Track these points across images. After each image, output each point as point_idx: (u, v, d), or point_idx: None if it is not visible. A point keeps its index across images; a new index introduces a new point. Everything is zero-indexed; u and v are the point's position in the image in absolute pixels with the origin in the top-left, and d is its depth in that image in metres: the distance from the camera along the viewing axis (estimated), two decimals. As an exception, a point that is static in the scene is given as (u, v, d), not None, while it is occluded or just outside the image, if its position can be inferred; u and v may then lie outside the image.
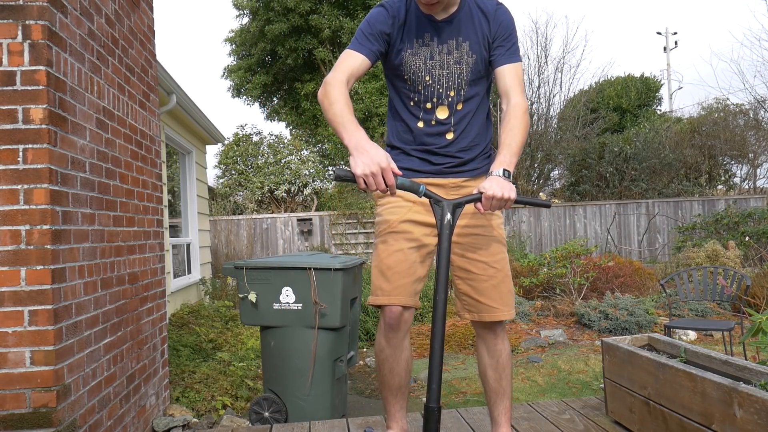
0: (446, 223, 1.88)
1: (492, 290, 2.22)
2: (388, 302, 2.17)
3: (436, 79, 2.18)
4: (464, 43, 2.16)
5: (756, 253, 9.98)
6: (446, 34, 2.16)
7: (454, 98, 2.20)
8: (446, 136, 2.23)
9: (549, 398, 4.29)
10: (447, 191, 2.24)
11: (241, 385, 4.38)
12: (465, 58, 2.16)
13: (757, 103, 14.97)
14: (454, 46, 2.16)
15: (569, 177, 15.25)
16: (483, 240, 2.23)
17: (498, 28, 2.16)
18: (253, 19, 14.98)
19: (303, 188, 14.99)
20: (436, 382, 1.79)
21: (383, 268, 2.20)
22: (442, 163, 2.24)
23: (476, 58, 2.17)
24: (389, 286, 2.17)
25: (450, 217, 1.89)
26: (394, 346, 2.23)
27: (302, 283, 3.51)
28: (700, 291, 4.92)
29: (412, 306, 2.20)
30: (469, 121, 2.23)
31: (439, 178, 2.25)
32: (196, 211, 8.51)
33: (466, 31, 2.16)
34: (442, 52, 2.17)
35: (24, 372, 2.19)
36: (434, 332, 1.82)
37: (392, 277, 2.17)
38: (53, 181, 2.24)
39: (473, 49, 2.16)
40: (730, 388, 2.03)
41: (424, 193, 1.89)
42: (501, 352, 2.29)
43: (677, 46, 30.87)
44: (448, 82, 2.18)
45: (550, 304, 7.62)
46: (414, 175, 2.25)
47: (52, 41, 2.26)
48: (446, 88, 2.19)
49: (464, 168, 2.26)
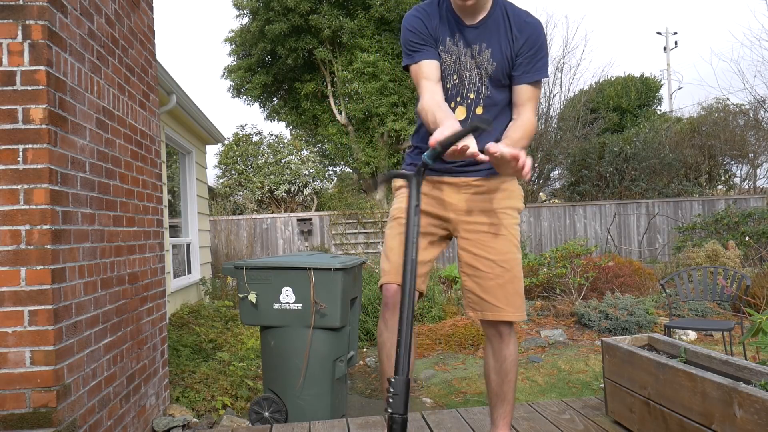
0: (414, 183, 1.77)
1: (498, 289, 2.22)
2: (386, 280, 2.22)
3: (462, 79, 2.20)
4: (487, 49, 2.17)
5: (756, 253, 9.98)
6: (472, 38, 2.17)
7: (473, 101, 2.21)
8: None
9: (549, 398, 4.29)
10: (459, 189, 2.27)
11: (241, 385, 4.38)
12: (485, 65, 2.17)
13: (757, 103, 14.97)
14: (477, 51, 2.18)
15: (569, 177, 15.25)
16: (492, 238, 2.24)
17: (524, 43, 2.15)
18: (253, 19, 14.96)
19: (303, 188, 14.99)
20: (404, 355, 1.63)
21: (386, 250, 2.27)
22: (454, 162, 2.22)
23: (497, 66, 2.17)
24: (389, 266, 2.23)
25: (418, 179, 1.77)
26: (391, 329, 2.22)
27: (302, 283, 3.51)
28: (700, 291, 4.92)
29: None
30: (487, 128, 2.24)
31: (452, 177, 2.28)
32: (196, 211, 8.51)
33: (490, 38, 2.17)
34: (467, 55, 2.18)
35: (24, 372, 2.19)
36: (402, 302, 1.66)
37: (392, 257, 2.23)
38: (53, 181, 2.24)
39: (495, 56, 2.17)
40: (730, 388, 2.03)
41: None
42: (506, 357, 2.27)
43: (677, 46, 30.87)
44: (469, 83, 2.20)
45: (550, 304, 7.63)
46: (428, 173, 2.24)
47: (52, 41, 2.26)
48: (467, 89, 2.21)
49: (476, 168, 2.25)
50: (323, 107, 15.54)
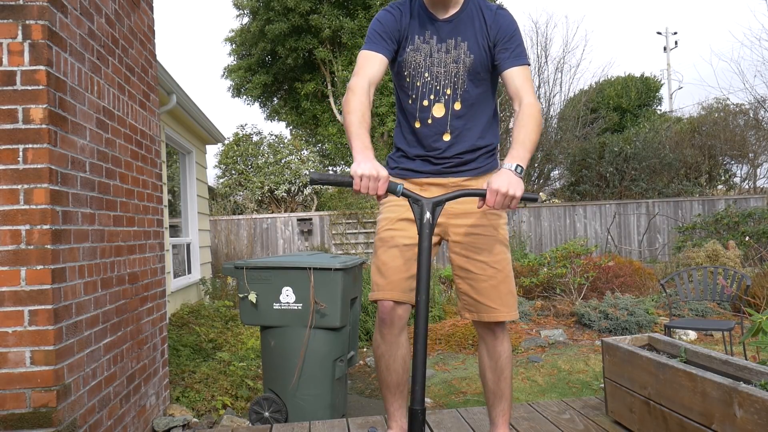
0: (425, 222, 1.84)
1: (491, 290, 2.22)
2: (381, 296, 2.20)
3: (434, 77, 2.19)
4: (463, 43, 2.17)
5: (756, 253, 9.98)
6: (445, 33, 2.18)
7: (450, 96, 2.20)
8: (443, 138, 2.22)
9: (549, 398, 4.29)
10: (447, 190, 2.23)
11: (241, 385, 4.38)
12: (462, 58, 2.17)
13: (757, 103, 14.98)
14: (452, 45, 2.17)
15: (569, 177, 15.25)
16: (484, 240, 2.23)
17: (498, 32, 2.16)
18: (253, 19, 14.97)
19: (303, 188, 14.98)
20: (419, 383, 1.77)
21: (379, 264, 2.24)
22: (442, 164, 2.25)
23: (474, 59, 2.17)
24: (384, 282, 2.21)
25: (429, 216, 1.85)
26: (389, 342, 2.24)
27: (302, 283, 3.51)
28: (700, 291, 4.92)
29: (407, 302, 2.21)
30: (467, 122, 2.23)
31: (439, 178, 2.26)
32: (196, 211, 8.51)
33: (465, 31, 2.17)
34: (441, 51, 2.18)
35: (24, 372, 2.19)
36: (417, 334, 1.80)
37: (387, 272, 2.20)
38: (53, 181, 2.24)
39: (471, 49, 2.17)
40: (730, 388, 2.03)
41: (402, 193, 1.86)
42: (500, 355, 2.28)
43: (677, 46, 30.85)
44: (445, 80, 2.19)
45: (550, 304, 7.63)
46: (415, 176, 2.27)
47: (52, 41, 2.26)
48: (443, 85, 2.20)
49: (465, 168, 2.26)
50: (323, 107, 15.55)
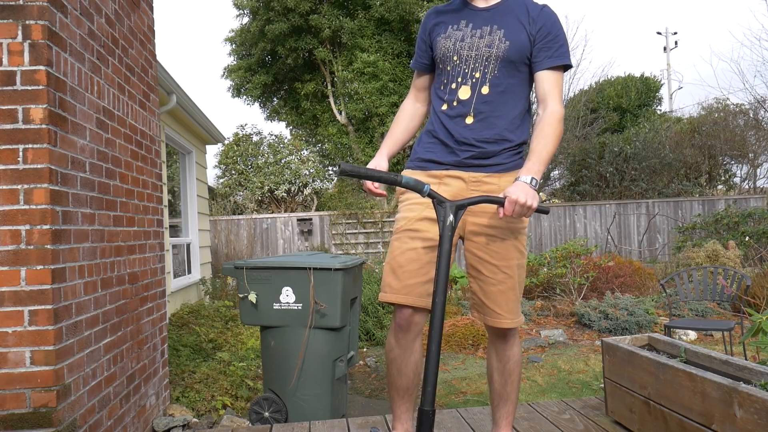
0: (448, 225, 1.86)
1: (499, 296, 2.19)
2: (395, 300, 2.16)
3: (464, 59, 2.17)
4: (499, 30, 2.15)
5: (756, 253, 9.98)
6: (482, 20, 2.18)
7: (479, 80, 2.16)
8: (465, 120, 2.17)
9: (549, 398, 4.29)
10: (467, 185, 2.18)
11: (241, 385, 4.38)
12: (497, 43, 2.14)
13: (757, 103, 14.97)
14: (487, 32, 2.16)
15: (569, 177, 15.24)
16: (500, 244, 2.18)
17: (540, 28, 2.13)
18: (253, 19, 14.96)
19: (303, 188, 14.97)
20: (431, 384, 1.78)
21: (394, 265, 2.18)
22: (463, 154, 2.18)
23: (509, 46, 2.13)
24: (399, 285, 2.15)
25: (452, 219, 1.87)
26: (403, 347, 2.21)
27: (302, 283, 3.51)
28: (700, 291, 4.92)
29: (424, 308, 2.16)
30: (495, 110, 2.16)
31: (459, 171, 2.19)
32: (196, 211, 8.51)
33: (502, 20, 2.16)
34: (474, 36, 2.17)
35: (24, 372, 2.19)
36: (431, 335, 1.81)
37: (402, 275, 2.15)
38: (53, 181, 2.24)
39: (508, 36, 2.13)
40: (730, 388, 2.03)
41: (428, 194, 1.88)
42: (510, 358, 2.27)
43: (677, 46, 30.85)
44: (475, 63, 2.16)
45: (550, 304, 7.63)
46: (434, 167, 2.22)
47: (52, 41, 2.26)
48: (472, 68, 2.17)
49: (487, 162, 2.18)
50: (323, 107, 15.54)
